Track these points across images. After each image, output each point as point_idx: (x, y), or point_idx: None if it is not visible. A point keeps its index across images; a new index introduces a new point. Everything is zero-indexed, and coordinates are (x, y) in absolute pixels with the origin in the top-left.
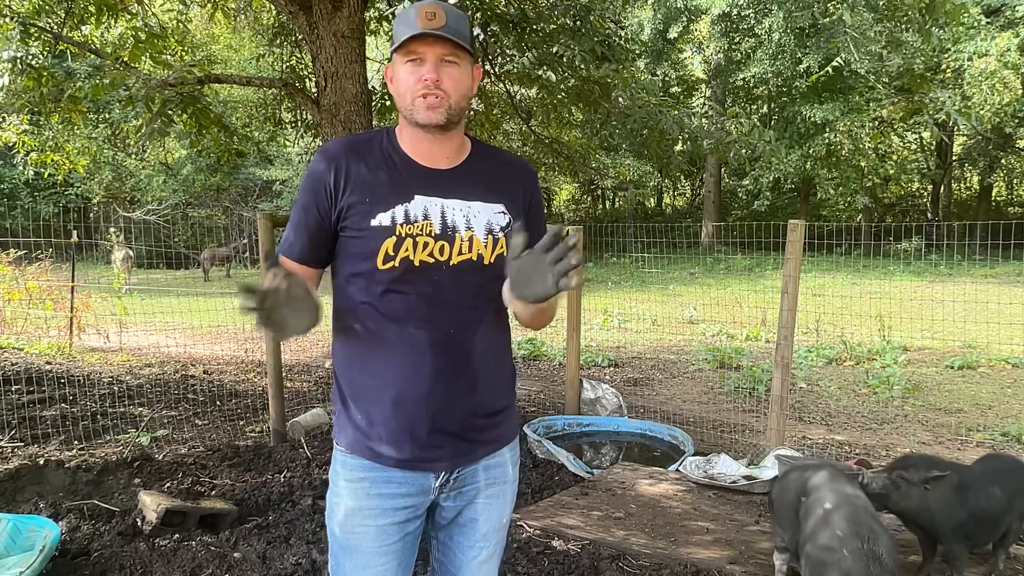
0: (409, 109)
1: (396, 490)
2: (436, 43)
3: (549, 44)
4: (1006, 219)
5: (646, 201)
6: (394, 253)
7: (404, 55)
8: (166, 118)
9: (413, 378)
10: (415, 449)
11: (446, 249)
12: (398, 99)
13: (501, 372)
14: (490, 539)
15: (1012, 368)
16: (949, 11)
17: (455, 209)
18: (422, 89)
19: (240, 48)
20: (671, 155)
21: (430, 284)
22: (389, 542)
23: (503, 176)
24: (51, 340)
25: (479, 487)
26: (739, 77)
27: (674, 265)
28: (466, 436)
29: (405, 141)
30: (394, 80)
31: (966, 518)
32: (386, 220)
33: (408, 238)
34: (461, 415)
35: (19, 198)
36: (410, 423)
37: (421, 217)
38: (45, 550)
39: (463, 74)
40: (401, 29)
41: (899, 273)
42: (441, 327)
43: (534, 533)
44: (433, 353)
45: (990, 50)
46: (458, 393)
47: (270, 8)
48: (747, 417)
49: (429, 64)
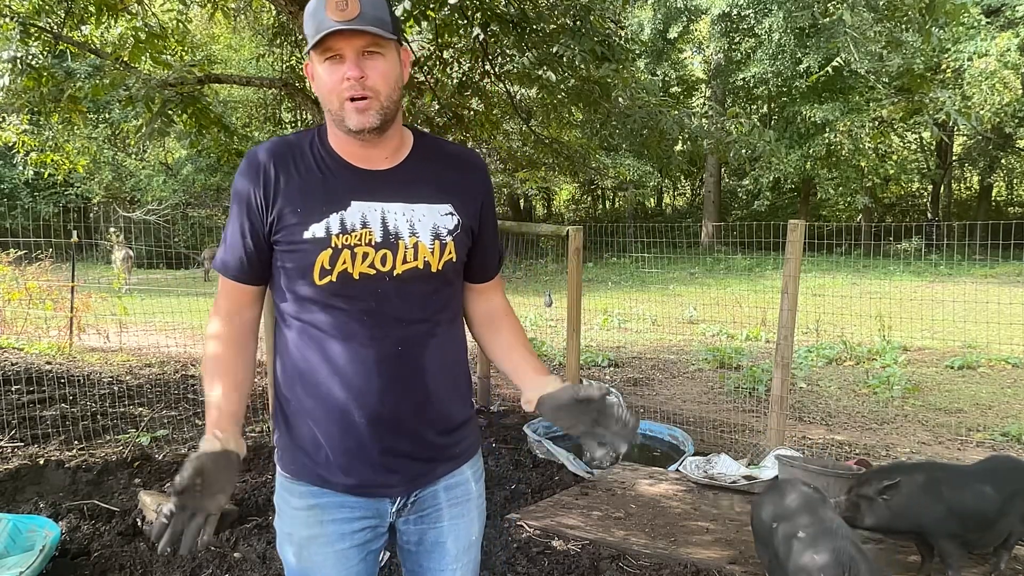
0: (339, 114)
1: (351, 514)
2: (353, 36)
3: (549, 44)
4: (1006, 219)
5: (646, 201)
6: (330, 267)
7: (320, 53)
8: (166, 118)
9: (360, 399)
10: (367, 474)
11: (389, 258)
12: (323, 101)
13: (456, 386)
14: (461, 559)
15: (1012, 368)
16: (949, 11)
17: (397, 214)
18: (347, 90)
19: (240, 48)
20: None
21: (373, 298)
22: (350, 564)
23: (450, 174)
24: (51, 340)
25: (441, 509)
26: (739, 77)
27: (674, 265)
28: (421, 456)
29: (336, 143)
30: (315, 80)
31: (945, 514)
32: (320, 231)
33: (345, 249)
34: (414, 435)
35: (19, 198)
36: (359, 446)
37: (359, 225)
38: (45, 550)
39: (390, 65)
40: (312, 23)
41: (899, 273)
42: (388, 344)
43: (534, 533)
44: (380, 372)
45: (990, 50)
46: (409, 412)
47: (270, 8)
48: (747, 417)
49: (350, 60)
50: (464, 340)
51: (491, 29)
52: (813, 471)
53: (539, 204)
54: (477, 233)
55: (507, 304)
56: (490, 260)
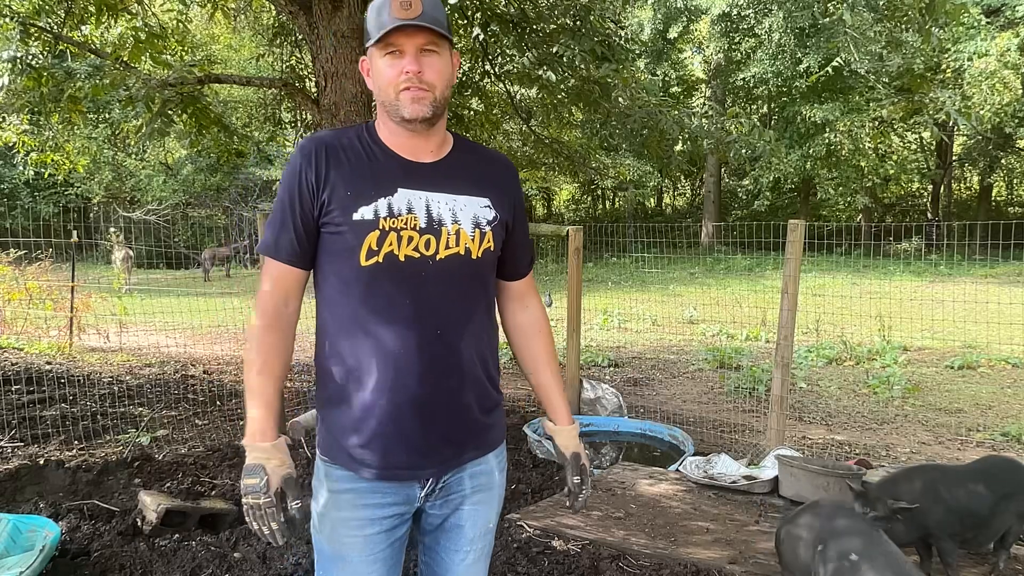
0: (393, 104)
1: (381, 500)
2: (415, 33)
3: (549, 44)
4: (1006, 219)
5: (646, 201)
6: (377, 248)
7: (382, 48)
8: (166, 118)
9: (401, 381)
10: (402, 457)
11: (432, 243)
12: (378, 93)
13: (488, 372)
14: (476, 543)
15: (1012, 368)
16: (949, 11)
17: (440, 203)
18: (404, 82)
19: (240, 48)
20: (671, 155)
21: (416, 280)
22: (377, 550)
23: (487, 171)
24: (51, 340)
25: (465, 494)
26: (739, 77)
27: (674, 265)
28: (455, 439)
29: (386, 135)
30: (372, 74)
31: (944, 513)
32: (368, 214)
33: (392, 232)
34: (450, 418)
35: (19, 198)
36: (398, 429)
37: (405, 211)
38: (45, 550)
39: (444, 63)
40: (376, 21)
41: (899, 273)
42: (429, 326)
43: (534, 533)
44: (420, 354)
45: (990, 50)
46: (446, 395)
47: (270, 8)
48: (747, 417)
49: (409, 56)
50: (496, 331)
51: (491, 29)
52: (813, 471)
53: (539, 204)
54: (511, 229)
55: (544, 317)
56: (522, 257)
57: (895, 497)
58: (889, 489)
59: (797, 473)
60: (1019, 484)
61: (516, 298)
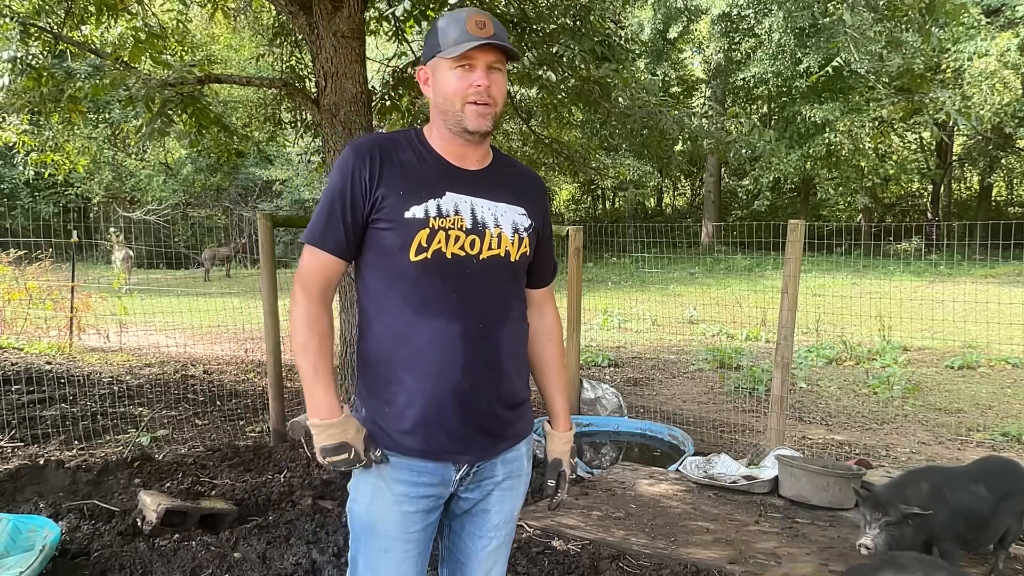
0: (458, 115)
1: (419, 479)
2: (487, 51)
3: (549, 44)
4: (1006, 219)
5: (646, 201)
6: (427, 245)
7: (455, 60)
8: (166, 118)
9: (445, 371)
10: (443, 442)
11: (476, 243)
12: (442, 102)
13: (521, 366)
14: (500, 530)
15: (1012, 368)
16: (949, 11)
17: (484, 207)
18: (474, 95)
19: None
20: (671, 155)
21: (461, 277)
22: (412, 530)
23: (523, 183)
24: (51, 340)
25: (496, 480)
26: (739, 77)
27: (674, 265)
28: (491, 429)
29: (436, 141)
30: (437, 83)
31: (950, 515)
32: (419, 212)
33: (441, 231)
34: (488, 408)
35: (19, 198)
36: (440, 416)
37: (452, 212)
38: (45, 550)
39: (505, 81)
40: (453, 35)
41: (899, 273)
42: (472, 320)
43: (534, 533)
44: (464, 347)
45: (990, 50)
46: (486, 386)
47: (270, 8)
48: (747, 417)
49: (480, 71)
50: (528, 326)
51: None
52: (813, 471)
53: None
54: (540, 238)
55: (558, 327)
56: (547, 266)
57: (904, 501)
58: (897, 493)
59: (797, 473)
60: (1018, 484)
61: (535, 305)
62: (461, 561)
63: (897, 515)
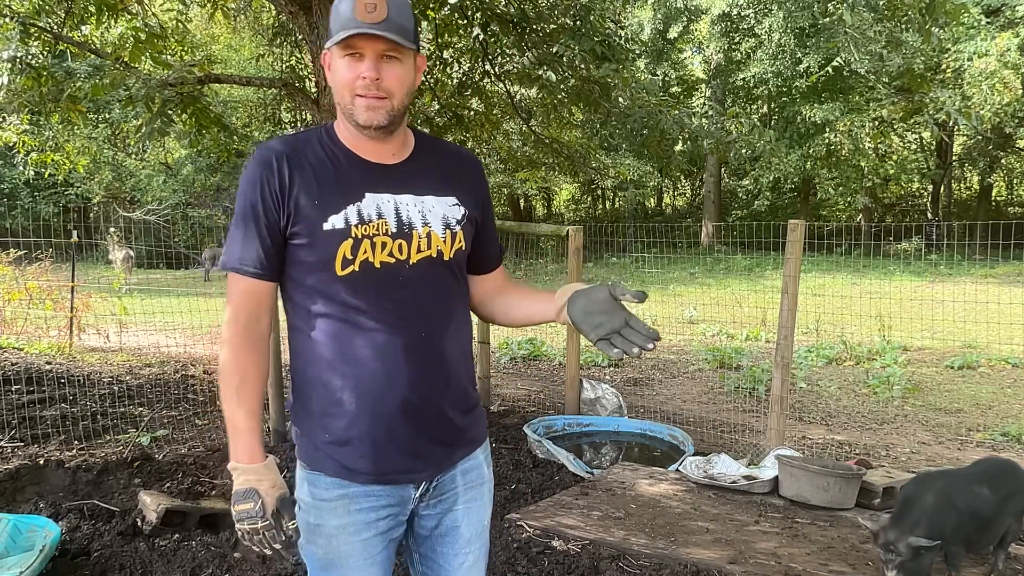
0: (348, 108)
1: (376, 503)
2: (377, 39)
3: (549, 44)
4: (1006, 219)
5: (646, 201)
6: (352, 256)
7: (342, 48)
8: (166, 118)
9: (390, 385)
10: (396, 461)
11: (404, 247)
12: (335, 93)
13: (468, 370)
14: (474, 543)
15: (1012, 368)
16: (949, 11)
17: (409, 205)
18: (361, 88)
19: (240, 48)
20: (671, 155)
21: (395, 286)
22: (374, 553)
23: (453, 169)
24: (51, 340)
25: (458, 492)
26: (739, 77)
27: (674, 265)
28: (445, 440)
29: (346, 137)
30: (331, 71)
31: (957, 519)
32: (339, 222)
33: (365, 239)
34: (440, 419)
35: (19, 198)
36: (388, 436)
37: (375, 216)
38: (45, 550)
39: (406, 70)
40: (337, 19)
41: (899, 273)
42: (413, 330)
43: (534, 533)
44: (408, 358)
45: (990, 50)
46: (436, 396)
47: (270, 8)
48: (747, 417)
49: (369, 61)
50: (471, 326)
51: (491, 29)
52: (813, 471)
53: (539, 204)
54: (480, 224)
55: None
56: (491, 251)
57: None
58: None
59: (797, 473)
60: (1018, 484)
61: (495, 292)
62: None
63: (908, 552)
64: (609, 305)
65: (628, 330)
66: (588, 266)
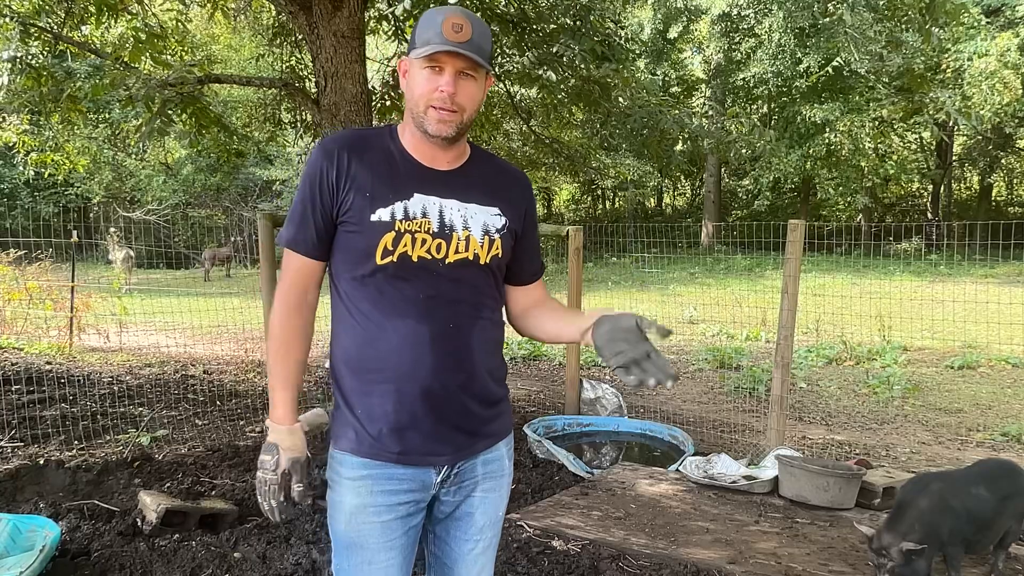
0: (420, 116)
1: (398, 486)
2: (458, 57)
3: (549, 44)
4: (1006, 219)
5: (646, 201)
6: (392, 248)
7: (425, 60)
8: (166, 118)
9: (415, 372)
10: (418, 443)
11: (443, 247)
12: (409, 100)
13: (495, 367)
14: (486, 532)
15: (1012, 368)
16: (949, 11)
17: (453, 209)
18: (438, 100)
19: (240, 48)
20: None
21: (428, 280)
22: (393, 537)
23: (500, 182)
24: (51, 340)
25: (477, 481)
26: (739, 77)
27: (674, 265)
28: (467, 429)
29: (408, 139)
30: (408, 79)
31: (954, 521)
32: (386, 216)
33: (407, 234)
34: (461, 408)
35: (19, 198)
36: (413, 418)
37: (420, 215)
38: (45, 550)
39: (478, 88)
40: (425, 35)
41: (899, 273)
42: (440, 322)
43: (534, 533)
44: (433, 348)
45: (990, 50)
46: (458, 386)
47: (270, 8)
48: (747, 417)
49: (448, 76)
50: (503, 329)
51: (491, 29)
52: (813, 471)
53: (539, 204)
54: (520, 236)
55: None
56: (531, 263)
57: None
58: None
59: (797, 473)
60: (1017, 485)
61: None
62: (448, 566)
63: (900, 557)
64: (634, 335)
65: (648, 362)
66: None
